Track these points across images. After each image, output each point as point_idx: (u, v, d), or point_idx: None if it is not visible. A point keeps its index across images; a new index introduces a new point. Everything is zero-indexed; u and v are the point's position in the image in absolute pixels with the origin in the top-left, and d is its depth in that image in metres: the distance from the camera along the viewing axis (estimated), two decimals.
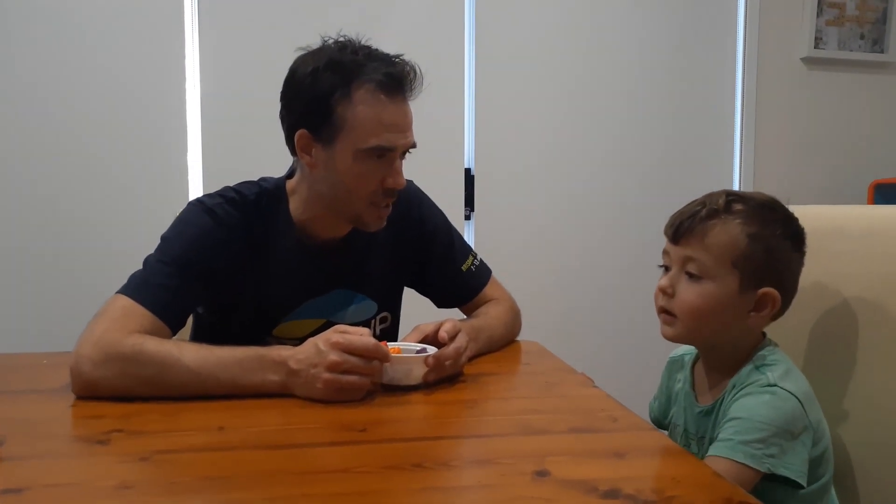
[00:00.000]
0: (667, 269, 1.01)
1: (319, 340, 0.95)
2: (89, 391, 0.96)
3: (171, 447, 0.77)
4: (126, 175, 2.31)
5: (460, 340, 1.05)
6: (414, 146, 1.16)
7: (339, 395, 0.93)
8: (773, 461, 0.86)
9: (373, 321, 1.31)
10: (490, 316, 1.29)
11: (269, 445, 0.79)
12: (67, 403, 0.94)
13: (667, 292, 0.98)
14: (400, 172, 1.14)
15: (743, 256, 0.94)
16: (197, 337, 1.30)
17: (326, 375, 0.92)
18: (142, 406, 0.92)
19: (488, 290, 1.36)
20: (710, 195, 1.00)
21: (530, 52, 2.60)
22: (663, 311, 1.00)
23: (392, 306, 1.35)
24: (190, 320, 1.26)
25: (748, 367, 0.96)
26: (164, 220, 1.23)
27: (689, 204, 1.00)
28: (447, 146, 2.52)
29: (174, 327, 1.09)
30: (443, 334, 1.04)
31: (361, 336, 0.96)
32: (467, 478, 0.73)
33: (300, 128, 1.13)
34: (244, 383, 0.96)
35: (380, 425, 0.85)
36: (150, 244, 1.19)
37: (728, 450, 0.87)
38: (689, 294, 0.96)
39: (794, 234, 0.97)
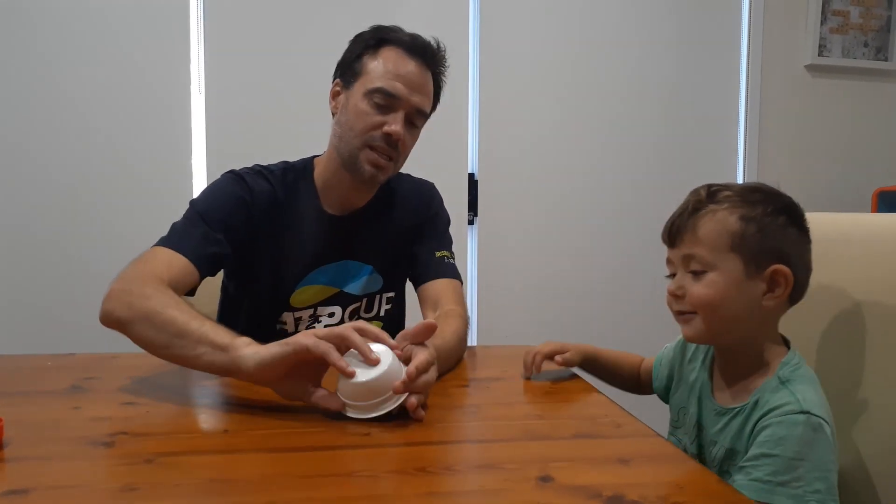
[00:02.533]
0: (673, 276, 1.00)
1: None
2: (103, 320, 1.02)
3: (176, 450, 0.77)
4: (130, 177, 2.32)
5: (432, 374, 0.92)
6: (421, 111, 1.25)
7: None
8: (819, 496, 0.84)
9: (378, 297, 1.36)
10: (452, 337, 1.17)
11: (274, 449, 0.79)
12: (72, 405, 0.94)
13: (677, 294, 0.98)
14: (399, 122, 1.22)
15: (738, 239, 0.93)
16: (223, 309, 1.39)
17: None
18: (147, 408, 0.92)
19: (447, 287, 1.32)
20: (694, 191, 1.00)
21: (534, 57, 2.61)
22: (679, 314, 0.99)
23: (397, 287, 1.40)
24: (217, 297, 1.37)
25: (773, 382, 0.93)
26: (168, 221, 1.24)
27: (679, 206, 1.00)
28: (451, 151, 2.53)
29: (202, 267, 1.15)
30: (411, 369, 0.87)
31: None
32: (471, 482, 0.73)
33: (336, 78, 1.29)
34: (199, 351, 0.92)
35: (384, 429, 0.85)
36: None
37: (767, 493, 0.84)
38: (697, 289, 0.95)
39: (785, 209, 0.96)
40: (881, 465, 0.98)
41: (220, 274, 1.33)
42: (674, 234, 0.99)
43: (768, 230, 0.94)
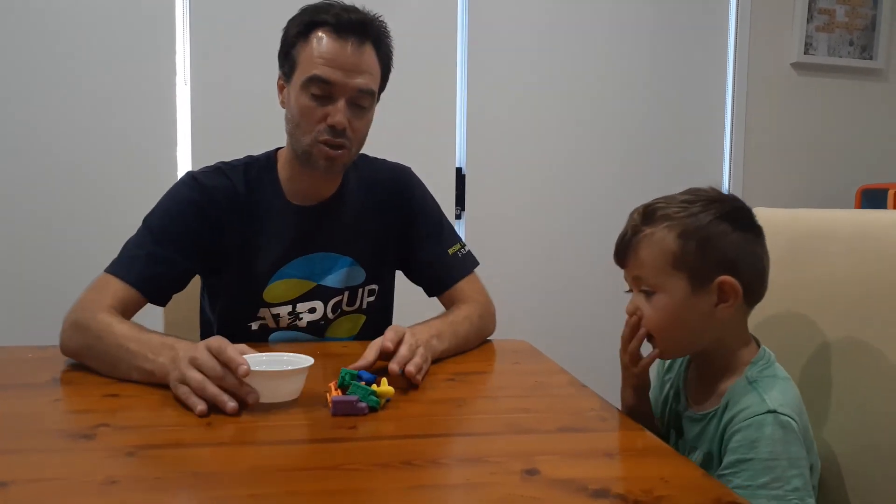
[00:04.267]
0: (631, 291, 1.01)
1: (199, 345, 0.91)
2: (63, 352, 1.08)
3: (158, 442, 0.77)
4: (114, 169, 2.29)
5: (407, 347, 1.03)
6: (365, 91, 1.19)
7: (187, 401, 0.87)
8: (798, 494, 0.84)
9: (359, 290, 1.34)
10: (454, 314, 1.26)
11: (257, 442, 0.78)
12: (53, 398, 0.93)
13: (636, 314, 0.98)
14: (340, 111, 1.17)
15: (679, 257, 0.93)
16: (203, 309, 1.38)
17: (182, 381, 0.88)
18: (128, 401, 0.91)
19: (465, 286, 1.36)
20: (631, 213, 1.00)
21: (522, 53, 2.61)
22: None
23: (381, 279, 1.37)
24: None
25: (741, 382, 0.93)
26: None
27: (623, 228, 1.00)
28: (439, 145, 2.53)
29: (146, 290, 1.16)
30: (387, 343, 1.02)
31: (226, 349, 0.87)
32: (456, 476, 0.72)
33: (279, 71, 1.23)
34: (140, 363, 0.96)
35: (369, 423, 0.84)
36: None
37: (749, 498, 0.84)
38: (649, 311, 0.96)
39: (727, 215, 0.94)
40: (863, 462, 0.99)
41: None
42: (620, 257, 1.00)
43: (709, 243, 0.92)
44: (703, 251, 0.92)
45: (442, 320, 1.22)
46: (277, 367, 0.91)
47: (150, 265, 1.17)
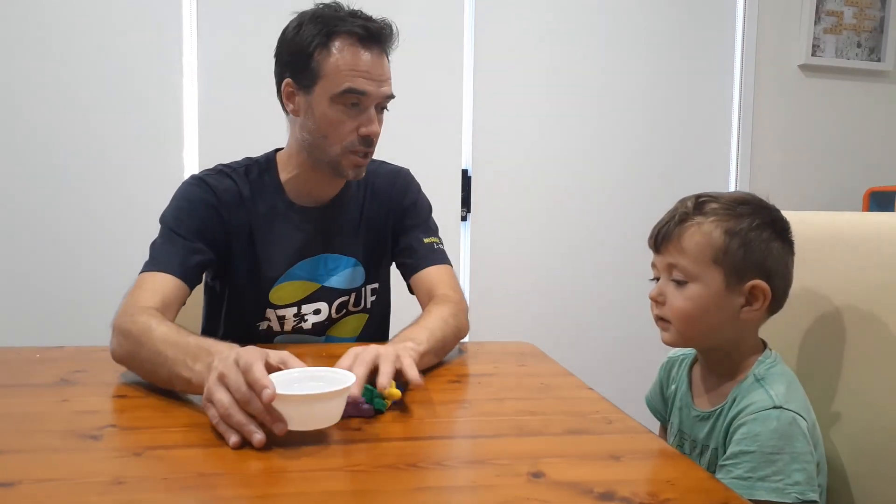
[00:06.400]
0: (657, 279, 1.02)
1: (231, 355, 0.81)
2: (114, 358, 1.03)
3: (165, 443, 0.77)
4: (121, 170, 2.30)
5: (405, 360, 0.93)
6: (391, 97, 1.21)
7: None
8: (799, 488, 0.85)
9: (363, 289, 1.35)
10: (426, 319, 1.17)
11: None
12: (60, 398, 0.93)
13: (658, 300, 1.00)
14: (373, 121, 1.19)
15: (721, 253, 0.94)
16: (208, 309, 1.38)
17: (212, 405, 0.79)
18: (135, 401, 0.92)
19: (437, 272, 1.32)
20: (682, 200, 1.01)
21: (529, 55, 2.61)
22: (659, 319, 1.01)
23: (380, 278, 1.40)
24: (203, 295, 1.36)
25: (749, 380, 0.95)
26: (158, 215, 1.23)
27: (666, 213, 1.01)
28: (445, 147, 2.53)
29: (189, 280, 1.15)
30: (383, 380, 0.87)
31: (258, 367, 0.77)
32: (462, 478, 0.72)
33: (286, 77, 1.22)
34: (179, 371, 0.88)
35: (375, 425, 0.85)
36: (144, 240, 1.20)
37: (747, 489, 0.86)
38: (677, 299, 0.97)
39: (772, 223, 0.97)
40: (869, 466, 0.99)
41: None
42: (659, 241, 1.00)
43: (752, 245, 0.95)
44: (745, 252, 0.94)
45: (416, 326, 1.13)
46: (311, 384, 0.78)
47: (187, 256, 1.16)
